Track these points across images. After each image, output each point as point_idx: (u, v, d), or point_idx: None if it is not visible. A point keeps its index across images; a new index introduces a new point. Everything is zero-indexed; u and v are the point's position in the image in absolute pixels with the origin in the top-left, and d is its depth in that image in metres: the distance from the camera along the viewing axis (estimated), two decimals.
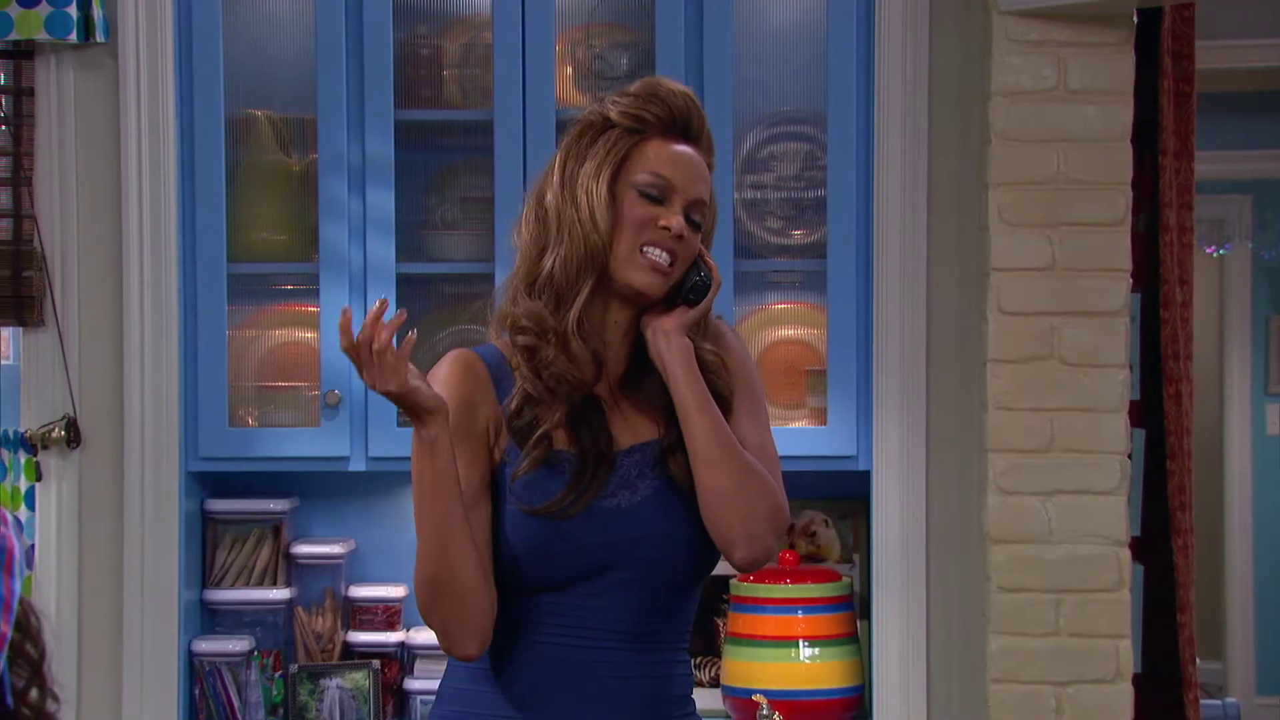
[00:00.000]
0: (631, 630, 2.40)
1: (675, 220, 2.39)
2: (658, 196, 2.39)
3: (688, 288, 2.43)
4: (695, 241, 2.42)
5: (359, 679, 3.77)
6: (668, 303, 2.44)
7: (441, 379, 2.40)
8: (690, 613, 2.49)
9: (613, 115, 2.42)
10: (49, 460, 3.73)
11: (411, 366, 2.26)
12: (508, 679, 2.41)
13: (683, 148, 2.43)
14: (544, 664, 2.39)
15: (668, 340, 2.41)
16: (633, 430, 2.43)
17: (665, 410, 2.43)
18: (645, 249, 2.38)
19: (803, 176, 3.79)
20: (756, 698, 3.51)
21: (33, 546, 3.71)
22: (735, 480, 2.37)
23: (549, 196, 2.42)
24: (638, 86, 2.44)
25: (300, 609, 3.85)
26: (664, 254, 2.39)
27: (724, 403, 2.44)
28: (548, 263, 2.39)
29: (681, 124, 2.43)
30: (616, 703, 2.40)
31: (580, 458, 2.38)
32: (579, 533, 2.36)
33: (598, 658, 2.39)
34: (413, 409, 2.27)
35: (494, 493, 2.40)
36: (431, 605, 2.33)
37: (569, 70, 3.81)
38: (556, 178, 2.42)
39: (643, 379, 2.45)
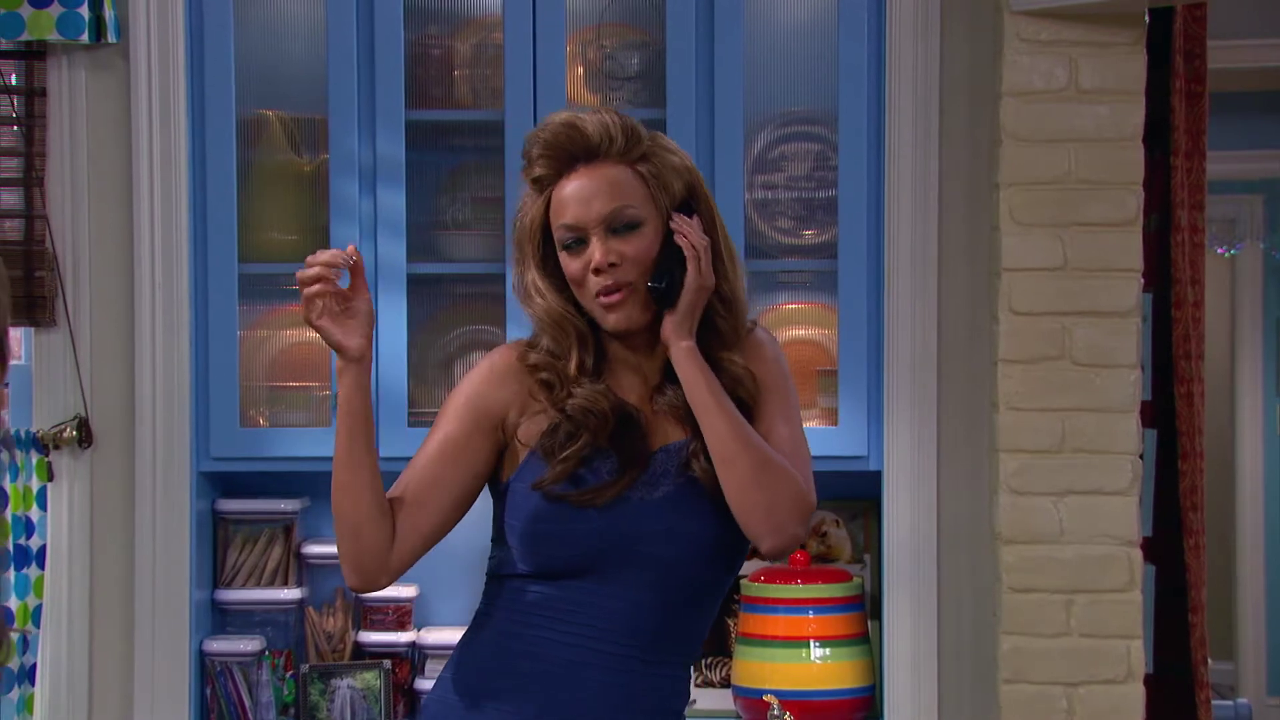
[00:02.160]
0: (637, 631, 2.41)
1: (596, 255, 2.42)
2: (576, 243, 2.44)
3: (655, 297, 2.45)
4: (636, 248, 2.44)
5: (370, 679, 3.78)
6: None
7: (488, 362, 2.52)
8: (702, 627, 2.50)
9: (532, 172, 2.49)
10: (60, 460, 3.73)
11: (350, 322, 2.44)
12: (505, 670, 2.43)
13: (577, 179, 2.45)
14: (540, 658, 2.42)
15: (671, 347, 2.45)
16: (663, 433, 2.48)
17: (692, 414, 2.46)
18: (598, 296, 2.43)
19: (813, 176, 3.79)
20: (767, 698, 3.51)
21: (44, 546, 3.72)
22: (753, 473, 2.39)
23: (514, 281, 2.52)
24: (526, 145, 2.49)
25: (311, 609, 3.86)
26: (610, 292, 2.42)
27: (745, 409, 2.46)
28: (538, 328, 2.49)
29: (570, 155, 2.45)
30: (608, 706, 2.41)
31: (618, 459, 2.43)
32: (594, 520, 2.40)
33: (595, 659, 2.41)
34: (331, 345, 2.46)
35: (509, 471, 2.47)
36: (335, 531, 2.46)
37: (580, 70, 3.81)
38: (515, 269, 2.52)
39: (670, 385, 2.48)
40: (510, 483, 2.46)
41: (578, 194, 2.43)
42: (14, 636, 3.64)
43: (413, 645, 3.85)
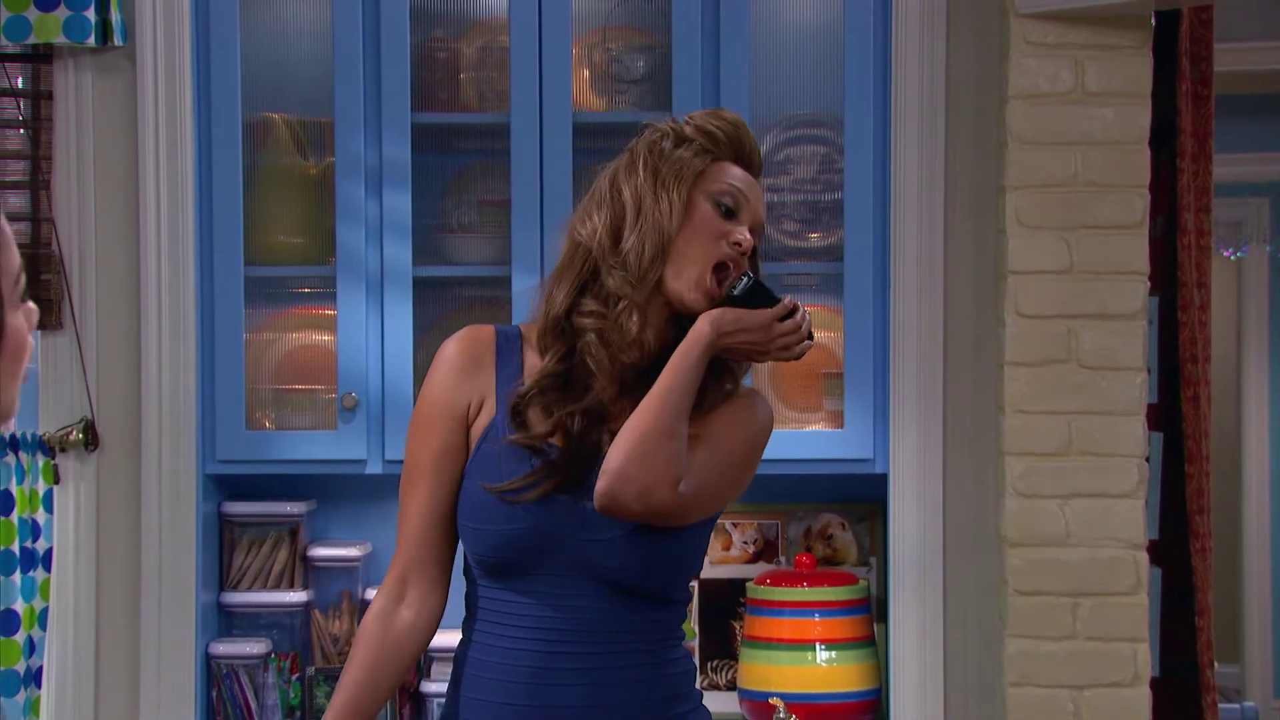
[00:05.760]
0: (604, 632, 2.39)
1: (746, 237, 2.45)
2: (732, 208, 2.45)
3: (735, 292, 2.43)
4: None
5: None
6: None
7: (443, 357, 2.48)
8: (673, 618, 2.47)
9: (687, 131, 2.49)
10: (67, 463, 3.73)
11: None
12: (495, 669, 2.42)
13: (746, 174, 2.50)
14: (518, 661, 2.40)
15: (699, 324, 2.40)
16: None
17: None
18: (716, 269, 2.42)
19: (819, 179, 3.79)
20: (773, 701, 3.52)
21: (50, 549, 3.72)
22: (651, 428, 2.32)
23: (626, 189, 2.45)
24: (704, 111, 2.53)
25: (317, 611, 3.86)
26: (728, 270, 2.43)
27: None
28: (627, 243, 2.42)
29: (747, 154, 2.51)
30: (604, 704, 2.39)
31: (563, 453, 2.39)
32: (522, 518, 2.37)
33: (569, 663, 2.39)
34: None
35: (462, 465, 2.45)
36: None
37: (585, 73, 3.81)
38: (641, 172, 2.45)
39: (644, 389, 2.43)
40: (464, 474, 2.45)
41: (754, 187, 2.50)
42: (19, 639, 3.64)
43: None
